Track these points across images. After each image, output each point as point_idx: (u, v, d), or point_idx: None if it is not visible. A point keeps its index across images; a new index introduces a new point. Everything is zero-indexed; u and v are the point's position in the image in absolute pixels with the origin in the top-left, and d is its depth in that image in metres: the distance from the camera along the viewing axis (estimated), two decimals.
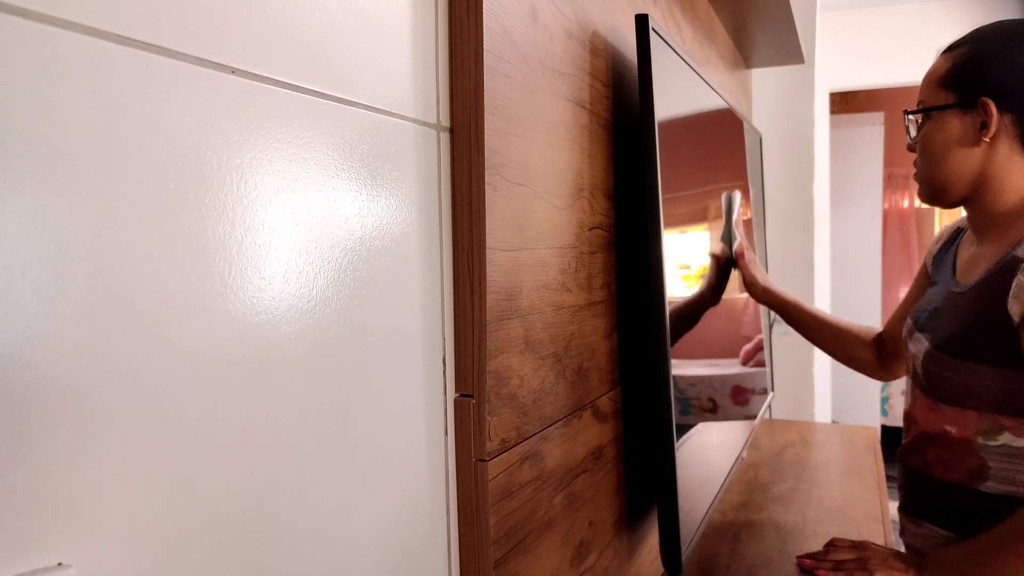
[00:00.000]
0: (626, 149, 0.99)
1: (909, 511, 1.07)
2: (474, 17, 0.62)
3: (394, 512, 0.58)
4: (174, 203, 0.39)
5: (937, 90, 0.99)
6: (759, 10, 1.71)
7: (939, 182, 1.00)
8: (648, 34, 0.87)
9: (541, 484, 0.74)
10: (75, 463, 0.34)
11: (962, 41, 0.99)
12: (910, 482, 1.07)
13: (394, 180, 0.57)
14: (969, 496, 0.96)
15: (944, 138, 0.98)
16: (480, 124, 0.62)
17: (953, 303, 0.99)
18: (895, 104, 4.63)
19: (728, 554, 1.21)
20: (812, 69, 2.37)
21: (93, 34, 0.35)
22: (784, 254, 2.41)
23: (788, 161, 2.39)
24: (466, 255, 0.64)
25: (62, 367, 0.34)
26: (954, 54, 0.98)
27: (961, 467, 0.97)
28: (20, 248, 0.32)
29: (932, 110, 0.99)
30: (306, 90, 0.48)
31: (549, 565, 0.76)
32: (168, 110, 0.39)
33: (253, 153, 0.44)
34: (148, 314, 0.38)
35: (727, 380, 1.26)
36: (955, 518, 0.98)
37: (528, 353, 0.71)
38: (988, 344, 0.91)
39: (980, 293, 0.94)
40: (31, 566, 0.33)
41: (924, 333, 1.03)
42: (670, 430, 0.88)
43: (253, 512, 0.44)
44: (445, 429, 0.64)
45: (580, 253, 0.83)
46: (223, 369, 0.42)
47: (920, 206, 5.05)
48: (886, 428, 4.64)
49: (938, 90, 0.99)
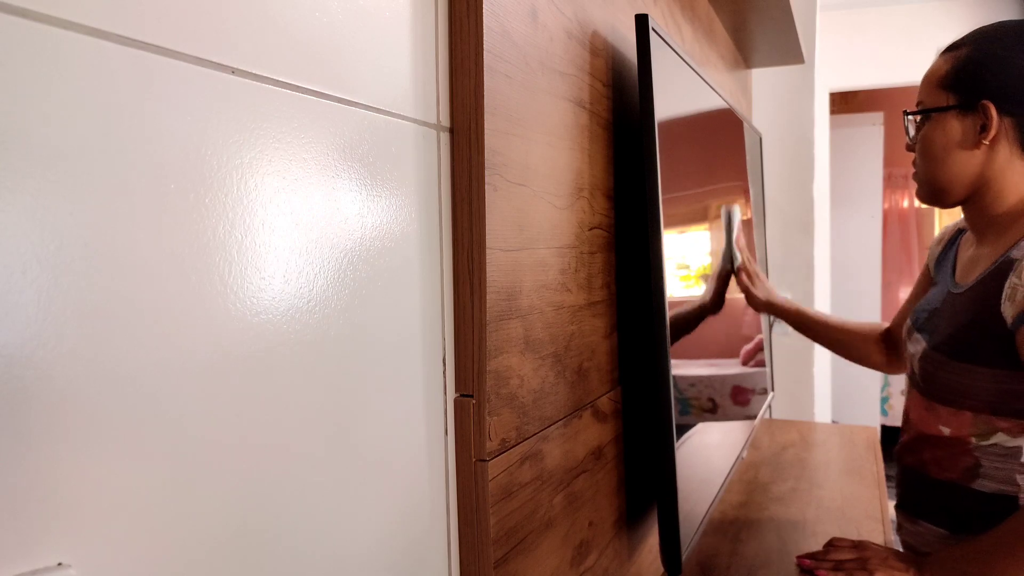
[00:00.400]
0: (626, 149, 0.99)
1: (905, 509, 1.07)
2: (474, 17, 0.62)
3: (394, 512, 0.58)
4: (174, 203, 0.39)
5: (937, 91, 0.98)
6: (759, 10, 1.71)
7: (938, 183, 1.00)
8: (648, 34, 0.87)
9: (541, 484, 0.74)
10: (75, 463, 0.34)
11: (963, 42, 0.98)
12: (906, 480, 1.07)
13: (394, 180, 0.57)
14: (962, 494, 0.96)
15: (944, 140, 0.97)
16: (480, 124, 0.62)
17: (951, 304, 0.99)
18: (895, 104, 4.63)
19: (728, 554, 1.21)
20: (812, 69, 2.37)
21: (93, 34, 0.35)
22: (784, 254, 2.41)
23: (788, 161, 2.39)
24: (466, 255, 0.64)
25: (62, 367, 0.34)
26: (955, 55, 0.97)
27: (955, 466, 0.97)
28: (20, 248, 0.32)
29: (932, 111, 0.98)
30: (306, 90, 0.48)
31: (549, 565, 0.76)
32: (168, 110, 0.39)
33: (253, 153, 0.44)
34: (148, 314, 0.38)
35: (727, 380, 1.26)
36: (949, 516, 0.99)
37: (528, 353, 0.71)
38: (983, 345, 0.91)
39: (976, 294, 0.94)
40: (31, 566, 0.33)
41: (922, 334, 1.03)
42: (670, 430, 0.88)
43: (253, 512, 0.44)
44: (445, 429, 0.64)
45: (580, 253, 0.83)
46: (223, 369, 0.42)
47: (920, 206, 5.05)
48: (886, 428, 4.63)
49: (938, 91, 0.98)
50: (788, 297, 1.40)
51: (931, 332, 1.01)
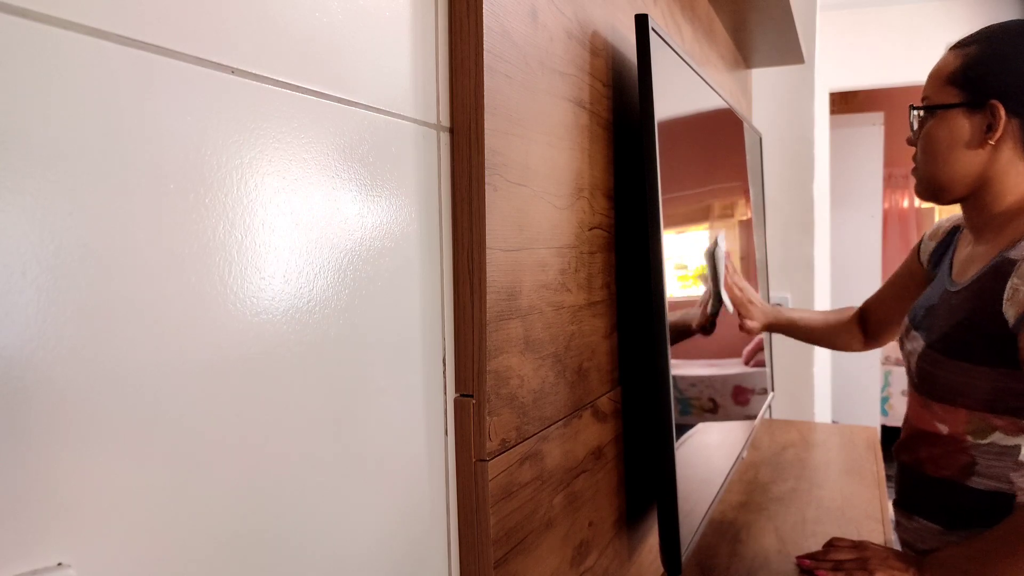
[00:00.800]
0: (626, 149, 0.99)
1: (903, 506, 1.08)
2: (474, 17, 0.62)
3: (394, 512, 0.58)
4: (174, 203, 0.39)
5: (945, 87, 0.97)
6: (759, 10, 1.70)
7: (939, 180, 0.99)
8: (648, 34, 0.87)
9: (541, 484, 0.74)
10: (75, 463, 0.34)
11: (973, 39, 0.97)
12: (903, 477, 1.08)
13: (394, 180, 0.57)
14: (958, 492, 0.97)
15: (948, 137, 0.97)
16: (480, 124, 0.62)
17: (947, 302, 0.99)
18: (895, 104, 4.63)
19: (728, 554, 1.21)
20: (812, 69, 2.37)
21: (93, 34, 0.35)
22: (784, 254, 2.41)
23: (788, 161, 2.39)
24: (466, 255, 0.64)
25: (62, 367, 0.34)
26: (964, 52, 0.96)
27: (951, 464, 0.97)
28: (20, 248, 0.32)
29: (939, 108, 0.97)
30: (306, 90, 0.48)
31: (549, 565, 0.76)
32: (168, 110, 0.39)
33: (253, 153, 0.44)
34: (148, 314, 0.38)
35: (727, 380, 1.26)
36: (946, 513, 0.99)
37: (528, 353, 0.71)
38: (980, 344, 0.91)
39: (972, 293, 0.94)
40: (31, 566, 0.33)
41: (919, 331, 1.03)
42: (670, 430, 0.88)
43: (253, 512, 0.44)
44: (445, 429, 0.64)
45: (580, 253, 0.83)
46: (223, 369, 0.42)
47: (920, 206, 5.05)
48: (886, 428, 4.63)
49: (946, 87, 0.97)
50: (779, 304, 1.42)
51: (928, 330, 1.01)
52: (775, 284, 2.41)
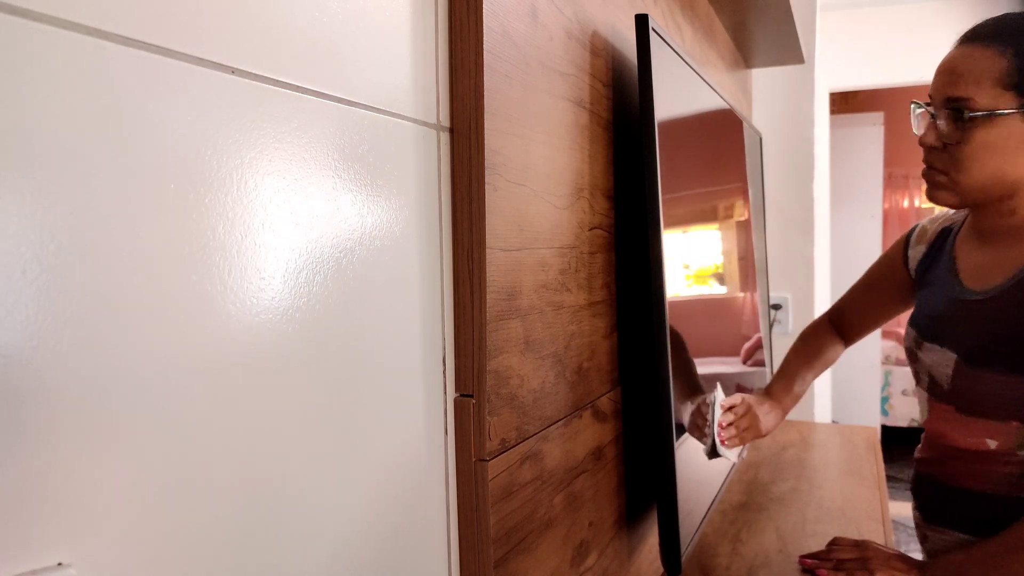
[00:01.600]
0: (626, 149, 0.99)
1: (932, 521, 1.03)
2: (474, 17, 0.62)
3: (394, 512, 0.58)
4: (174, 203, 0.39)
5: (995, 90, 0.88)
6: (759, 10, 1.70)
7: (978, 184, 0.92)
8: (648, 34, 0.87)
9: (541, 484, 0.74)
10: (75, 463, 0.34)
11: (996, 33, 0.89)
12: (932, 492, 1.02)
13: (394, 180, 0.57)
14: (1007, 505, 0.92)
15: (1002, 142, 0.88)
16: (480, 124, 0.62)
17: (971, 312, 0.95)
18: (895, 104, 4.63)
19: (728, 554, 1.21)
20: (812, 69, 2.37)
21: (93, 34, 0.35)
22: (784, 254, 2.41)
23: (788, 161, 2.39)
24: (466, 255, 0.64)
25: (62, 367, 0.34)
26: (1000, 50, 0.88)
27: (999, 478, 0.93)
28: (20, 248, 0.32)
29: (999, 114, 0.88)
30: (306, 90, 0.48)
31: (549, 565, 0.76)
32: (168, 110, 0.39)
33: (253, 153, 0.44)
34: (148, 314, 0.38)
35: (727, 379, 1.26)
36: (988, 526, 0.93)
37: (528, 353, 0.71)
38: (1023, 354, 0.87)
39: (1010, 302, 0.90)
40: (31, 566, 0.33)
41: (938, 343, 0.98)
42: (670, 430, 0.88)
43: (252, 512, 0.44)
44: (445, 429, 0.64)
45: (580, 253, 0.83)
46: (223, 369, 0.42)
47: (920, 206, 5.05)
48: (886, 428, 4.63)
49: (995, 90, 0.88)
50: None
51: (952, 341, 0.96)
52: (775, 284, 2.41)
